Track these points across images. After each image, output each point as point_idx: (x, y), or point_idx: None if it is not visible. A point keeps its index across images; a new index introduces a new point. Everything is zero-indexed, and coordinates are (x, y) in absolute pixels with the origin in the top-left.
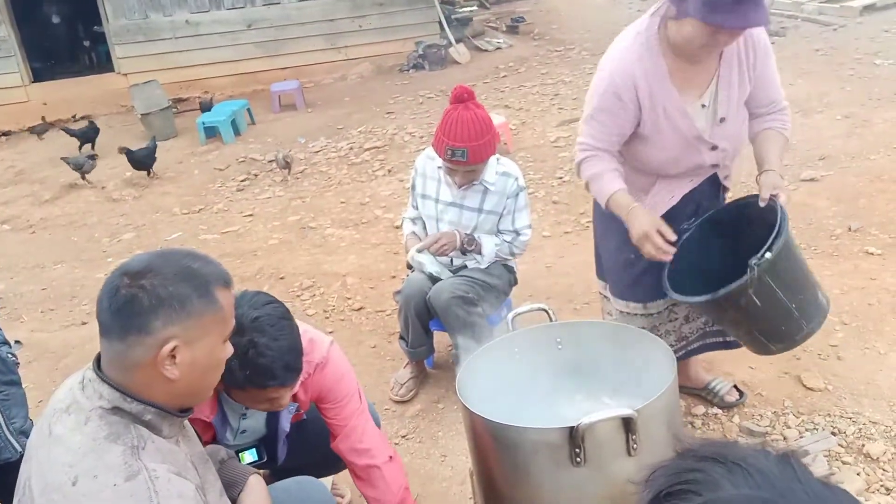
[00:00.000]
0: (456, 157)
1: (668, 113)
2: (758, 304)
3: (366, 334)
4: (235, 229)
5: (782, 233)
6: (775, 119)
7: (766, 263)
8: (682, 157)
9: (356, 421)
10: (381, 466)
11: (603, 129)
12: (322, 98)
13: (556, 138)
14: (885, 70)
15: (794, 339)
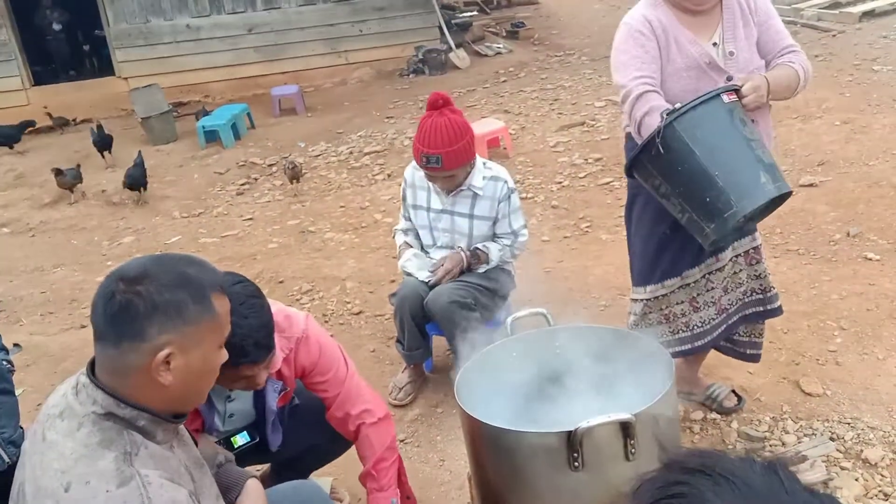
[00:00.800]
0: (431, 163)
1: (679, 44)
2: (669, 159)
3: (365, 338)
4: (235, 233)
5: (710, 94)
6: (785, 58)
7: (676, 113)
8: (699, 87)
9: (348, 385)
10: (367, 426)
11: (642, 64)
12: (322, 102)
13: (555, 143)
14: (884, 76)
15: (724, 217)
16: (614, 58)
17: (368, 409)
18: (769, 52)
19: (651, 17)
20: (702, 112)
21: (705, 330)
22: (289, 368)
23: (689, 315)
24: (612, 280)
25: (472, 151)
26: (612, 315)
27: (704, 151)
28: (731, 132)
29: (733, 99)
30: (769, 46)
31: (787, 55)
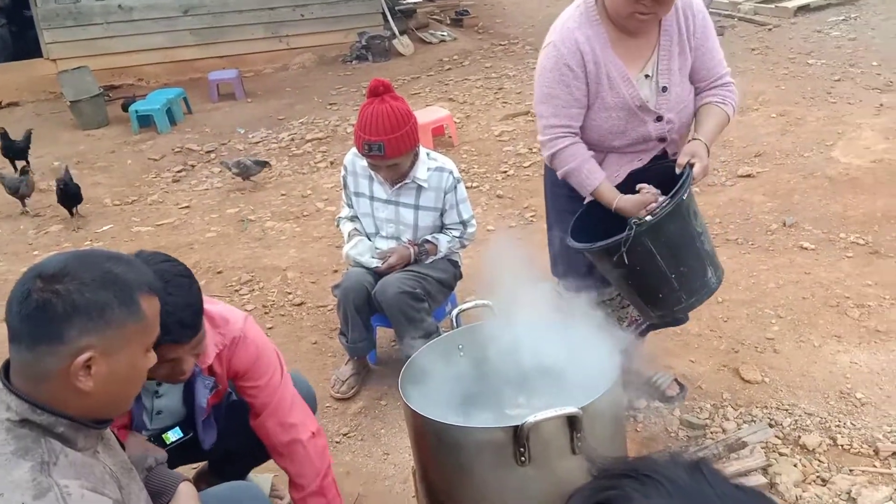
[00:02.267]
0: (373, 151)
1: (612, 80)
2: (630, 263)
3: (306, 330)
4: (171, 221)
5: (675, 200)
6: (716, 94)
7: (645, 225)
8: (628, 127)
9: (282, 394)
10: (305, 442)
11: (561, 103)
12: (262, 88)
13: (500, 132)
14: (818, 69)
15: (673, 309)
16: (537, 82)
17: (304, 423)
18: (702, 80)
19: (583, 42)
20: (667, 220)
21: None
22: (221, 367)
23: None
24: None
25: (416, 138)
26: None
27: (665, 256)
28: (688, 232)
29: (689, 192)
30: (702, 73)
31: (719, 89)
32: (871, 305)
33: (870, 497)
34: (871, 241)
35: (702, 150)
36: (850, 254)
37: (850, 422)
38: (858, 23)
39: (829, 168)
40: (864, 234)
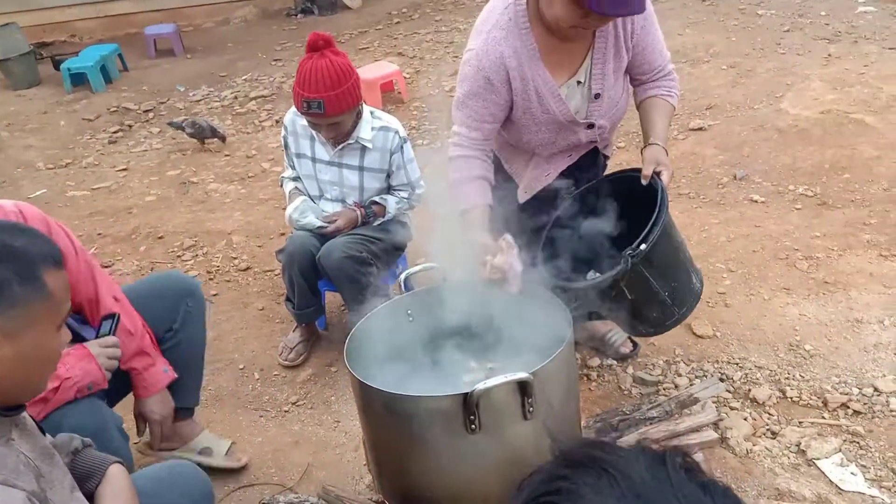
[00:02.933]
0: (312, 109)
1: (540, 96)
2: (629, 295)
3: (253, 296)
4: (108, 185)
5: (660, 221)
6: (661, 86)
7: (640, 255)
8: (558, 138)
9: (78, 267)
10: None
11: (475, 116)
12: (202, 43)
13: (451, 87)
14: (768, 20)
15: (665, 324)
16: (460, 76)
17: (110, 289)
18: (644, 73)
19: (510, 56)
20: (659, 240)
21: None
22: None
23: None
24: None
25: (358, 96)
26: None
27: (657, 277)
28: (673, 247)
29: (664, 198)
30: (644, 68)
31: (662, 80)
32: (820, 257)
33: (818, 449)
34: (819, 192)
35: (663, 156)
36: (799, 206)
37: (799, 374)
38: None
39: (779, 120)
40: (813, 186)
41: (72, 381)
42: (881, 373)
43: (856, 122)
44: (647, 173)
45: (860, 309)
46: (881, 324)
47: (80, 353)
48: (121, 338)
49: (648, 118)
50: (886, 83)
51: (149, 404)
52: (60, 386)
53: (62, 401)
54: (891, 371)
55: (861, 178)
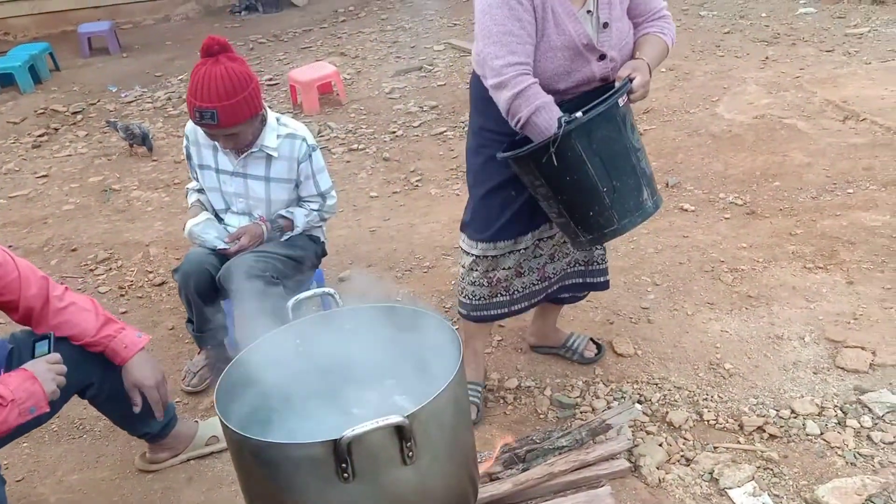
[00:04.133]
0: (206, 119)
1: (557, 17)
2: (559, 168)
3: (164, 314)
4: (25, 193)
5: (609, 101)
6: (654, 25)
7: (576, 122)
8: (573, 67)
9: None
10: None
11: (517, 42)
12: (140, 41)
13: (391, 89)
14: (709, 21)
15: (603, 231)
16: (483, 23)
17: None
18: (640, 15)
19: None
20: (599, 121)
21: (524, 295)
22: None
23: (511, 280)
24: (438, 239)
25: (256, 105)
26: (436, 276)
27: (597, 165)
28: (623, 143)
29: (625, 101)
30: (641, 9)
31: (657, 21)
32: (744, 269)
33: (731, 477)
34: (748, 200)
35: (643, 66)
36: (728, 215)
37: (718, 395)
38: None
39: (713, 125)
40: (743, 194)
41: (15, 405)
42: (799, 393)
43: (788, 128)
44: (622, 74)
45: (781, 324)
46: (801, 340)
47: (23, 375)
48: (81, 316)
49: (639, 47)
50: (820, 87)
51: (137, 369)
52: (6, 408)
53: (5, 425)
54: (808, 391)
55: (790, 185)
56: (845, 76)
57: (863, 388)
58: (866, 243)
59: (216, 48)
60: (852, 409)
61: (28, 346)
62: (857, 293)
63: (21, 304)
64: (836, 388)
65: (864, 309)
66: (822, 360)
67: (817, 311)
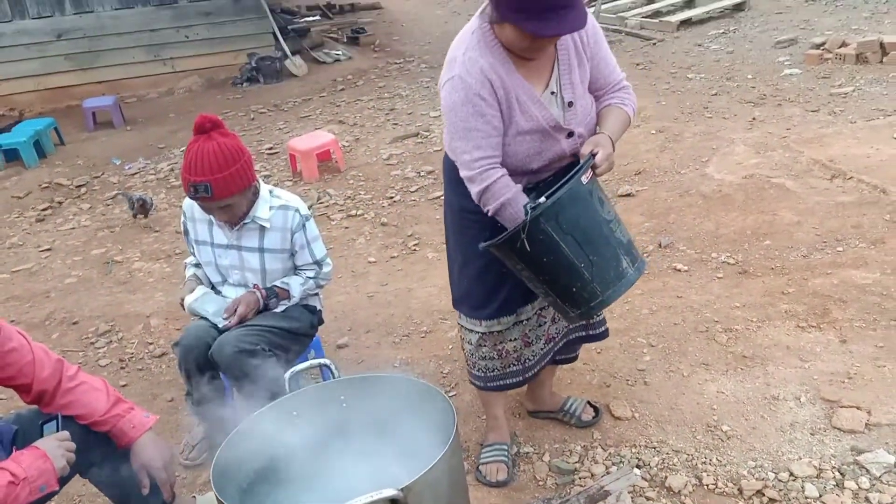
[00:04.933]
0: (199, 192)
1: (522, 104)
2: (534, 252)
3: (164, 385)
4: (29, 267)
5: (571, 182)
6: (615, 96)
7: (541, 208)
8: (544, 147)
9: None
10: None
11: (484, 134)
12: (144, 114)
13: (388, 156)
14: (697, 84)
15: (590, 305)
16: (450, 119)
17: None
18: (601, 88)
19: (488, 70)
20: (564, 202)
21: (535, 362)
22: None
23: (521, 350)
24: (435, 303)
25: (249, 177)
26: (433, 341)
27: (570, 243)
28: (593, 218)
29: (590, 176)
30: (600, 82)
31: (618, 92)
32: (738, 329)
33: None
34: (740, 259)
35: (605, 140)
36: (721, 274)
37: (716, 458)
38: (737, 35)
39: (704, 185)
40: (735, 253)
41: (27, 483)
42: (797, 455)
43: (777, 187)
44: (584, 151)
45: (777, 385)
46: (797, 400)
47: (35, 454)
48: (91, 396)
49: (600, 120)
50: (807, 146)
51: (145, 450)
52: (18, 486)
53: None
54: (806, 453)
55: (781, 244)
56: (831, 135)
57: (859, 449)
58: (858, 301)
59: (208, 125)
60: (850, 471)
61: (36, 427)
62: (851, 352)
63: (34, 387)
64: (834, 448)
65: (858, 368)
66: (819, 421)
67: (812, 371)
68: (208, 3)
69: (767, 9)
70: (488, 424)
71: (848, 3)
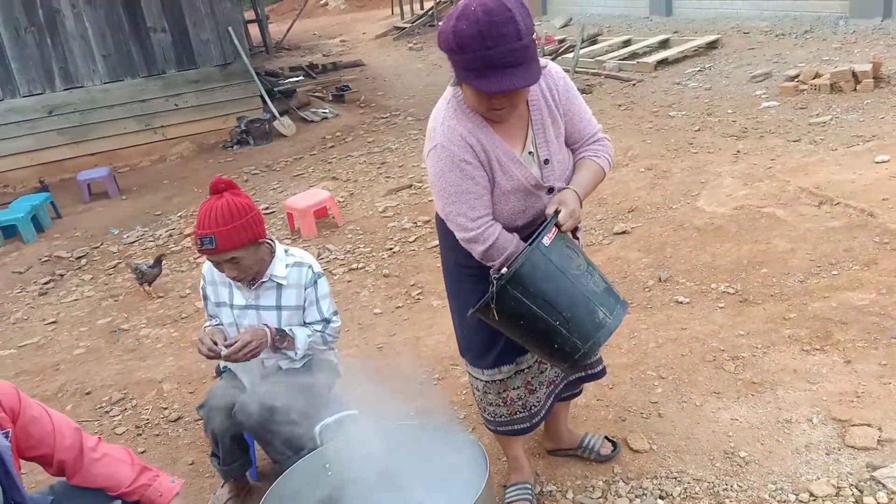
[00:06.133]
0: (205, 245)
1: (503, 165)
2: (508, 316)
3: (183, 449)
4: (36, 341)
5: (531, 247)
6: (589, 148)
7: (503, 278)
8: (527, 205)
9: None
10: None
11: (475, 195)
12: (138, 183)
13: (384, 208)
14: (679, 121)
15: (574, 358)
16: (439, 186)
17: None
18: (576, 142)
19: (468, 135)
20: (530, 265)
21: (540, 407)
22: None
23: (526, 398)
24: (444, 350)
25: (255, 231)
26: (447, 388)
27: (541, 305)
28: (561, 277)
29: (554, 235)
30: (575, 136)
31: (593, 145)
32: (745, 356)
33: None
34: (739, 288)
35: (569, 196)
36: (722, 304)
37: (737, 483)
38: (713, 72)
39: (696, 218)
40: (734, 283)
41: None
42: (815, 475)
43: (768, 216)
44: (548, 211)
45: (788, 408)
46: (810, 422)
47: None
48: (116, 468)
49: (574, 174)
50: (792, 175)
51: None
52: None
53: None
54: (823, 472)
55: (778, 271)
56: (814, 163)
57: (874, 465)
58: (857, 322)
59: (222, 186)
60: (867, 487)
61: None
62: (856, 371)
63: (56, 457)
64: (849, 466)
65: (865, 386)
66: (832, 441)
67: (821, 392)
68: (196, 72)
69: (739, 45)
70: (510, 465)
71: (817, 36)
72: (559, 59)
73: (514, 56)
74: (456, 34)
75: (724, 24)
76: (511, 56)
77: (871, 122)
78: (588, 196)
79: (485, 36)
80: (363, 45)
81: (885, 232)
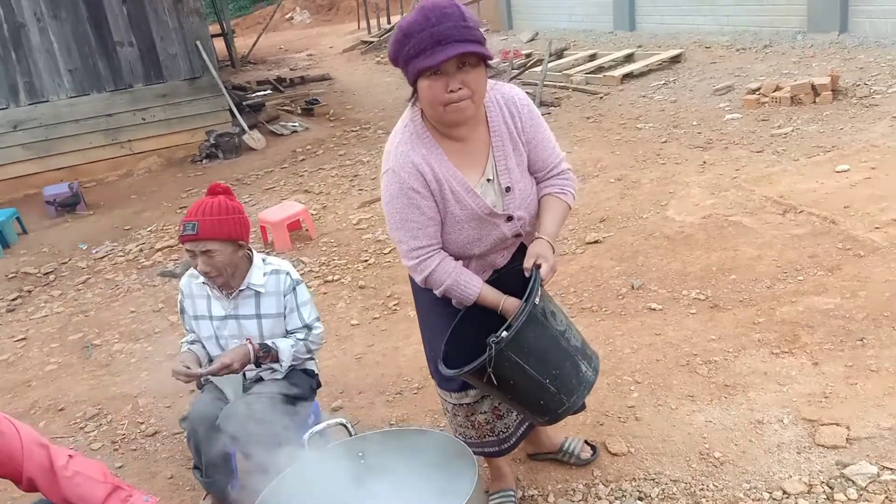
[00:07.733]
0: (186, 231)
1: (455, 193)
2: (504, 379)
3: (161, 463)
4: (5, 358)
5: (528, 306)
6: (554, 184)
7: (504, 341)
8: (483, 233)
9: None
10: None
11: (419, 224)
12: (106, 198)
13: (358, 220)
14: (647, 132)
15: (557, 413)
16: (387, 212)
17: (49, 448)
18: (538, 171)
19: (420, 162)
20: (524, 328)
21: (510, 434)
22: None
23: (494, 423)
24: (422, 360)
25: (238, 231)
26: (427, 397)
27: (533, 364)
28: (550, 335)
29: (541, 293)
30: (538, 165)
31: (556, 179)
32: (717, 360)
33: None
34: (710, 294)
35: (545, 249)
36: (694, 310)
37: (713, 483)
38: (677, 85)
39: (666, 227)
40: (704, 289)
41: None
42: (787, 473)
43: (735, 225)
44: (527, 266)
45: (760, 409)
46: (781, 423)
47: None
48: (88, 487)
49: (541, 216)
50: (757, 185)
51: None
52: None
53: None
54: (795, 471)
55: (746, 277)
56: (778, 173)
57: (844, 463)
58: (823, 325)
59: (219, 190)
60: (838, 484)
61: None
62: (824, 373)
63: (24, 475)
64: (820, 464)
65: (832, 387)
66: (803, 440)
67: (790, 394)
68: (164, 86)
69: (702, 59)
70: (492, 474)
71: (776, 50)
72: (527, 72)
73: (461, 32)
74: (401, 28)
75: (687, 39)
76: (457, 31)
77: (830, 133)
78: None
79: (428, 16)
80: (330, 59)
81: (848, 238)
